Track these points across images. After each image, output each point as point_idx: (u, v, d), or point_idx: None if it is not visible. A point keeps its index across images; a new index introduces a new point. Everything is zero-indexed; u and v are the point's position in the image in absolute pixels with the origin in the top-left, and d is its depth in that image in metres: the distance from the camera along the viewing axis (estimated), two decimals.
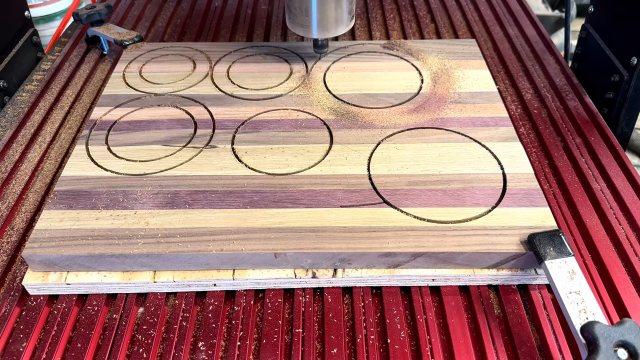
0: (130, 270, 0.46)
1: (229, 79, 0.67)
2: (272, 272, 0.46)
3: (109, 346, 0.43)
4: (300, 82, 0.65)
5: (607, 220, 0.51)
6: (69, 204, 0.49)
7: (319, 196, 0.50)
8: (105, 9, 0.78)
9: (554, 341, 0.42)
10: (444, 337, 0.43)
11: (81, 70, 0.77)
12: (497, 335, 0.43)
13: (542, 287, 0.46)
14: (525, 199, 0.49)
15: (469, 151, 0.54)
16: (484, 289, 0.46)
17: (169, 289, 0.47)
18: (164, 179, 0.52)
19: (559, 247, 0.43)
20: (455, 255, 0.45)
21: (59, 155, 0.61)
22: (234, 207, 0.49)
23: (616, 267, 0.47)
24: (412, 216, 0.47)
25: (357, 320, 0.44)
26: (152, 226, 0.47)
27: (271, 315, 0.45)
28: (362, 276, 0.46)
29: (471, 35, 0.82)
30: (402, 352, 0.42)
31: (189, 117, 0.60)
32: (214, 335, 0.43)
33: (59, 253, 0.45)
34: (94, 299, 0.46)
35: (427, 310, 0.45)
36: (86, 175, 0.53)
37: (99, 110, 0.62)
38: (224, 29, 0.86)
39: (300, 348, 0.42)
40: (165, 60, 0.71)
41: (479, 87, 0.63)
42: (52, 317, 0.45)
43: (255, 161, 0.54)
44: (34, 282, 0.46)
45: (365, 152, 0.54)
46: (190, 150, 0.56)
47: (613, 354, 0.36)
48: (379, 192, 0.50)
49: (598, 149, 0.59)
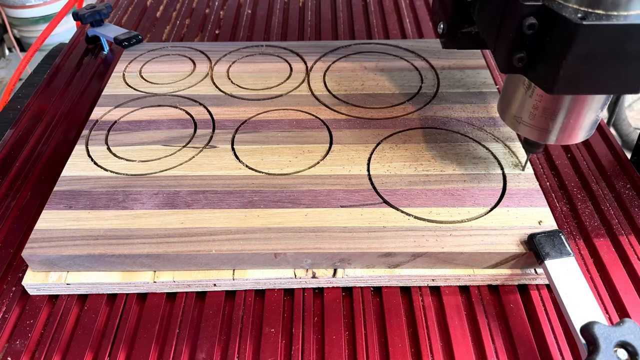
0: (130, 270, 0.46)
1: (229, 79, 0.67)
2: (272, 272, 0.46)
3: (109, 346, 0.43)
4: (300, 82, 0.65)
5: (607, 220, 0.51)
6: (69, 204, 0.49)
7: (319, 196, 0.50)
8: (105, 9, 0.78)
9: (554, 341, 0.42)
10: (444, 337, 0.43)
11: (81, 70, 0.77)
12: (497, 335, 0.43)
13: (542, 287, 0.46)
14: (525, 199, 0.49)
15: (469, 151, 0.54)
16: (484, 289, 0.46)
17: (169, 289, 0.47)
18: (164, 179, 0.52)
19: (559, 247, 0.43)
20: (455, 255, 0.45)
21: (58, 155, 0.61)
22: (234, 207, 0.49)
23: (616, 267, 0.47)
24: (412, 216, 0.47)
25: (357, 320, 0.44)
26: (152, 226, 0.47)
27: (271, 316, 0.45)
28: (362, 276, 0.46)
29: None
30: (402, 352, 0.42)
31: (188, 117, 0.60)
32: (214, 335, 0.43)
33: (59, 253, 0.45)
34: (94, 299, 0.46)
35: (427, 310, 0.45)
36: (86, 175, 0.53)
37: (99, 110, 0.62)
38: (224, 28, 0.86)
39: (300, 348, 0.42)
40: (165, 60, 0.71)
41: (479, 87, 0.63)
42: (52, 317, 0.45)
43: (255, 161, 0.54)
44: (34, 282, 0.46)
45: (365, 152, 0.54)
46: (190, 150, 0.56)
47: (613, 354, 0.36)
48: (379, 192, 0.50)
49: (598, 148, 0.59)
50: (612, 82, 0.38)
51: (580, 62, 0.36)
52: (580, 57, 0.36)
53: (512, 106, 0.46)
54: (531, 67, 0.40)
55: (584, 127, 0.44)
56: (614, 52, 0.36)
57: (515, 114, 0.46)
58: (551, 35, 0.36)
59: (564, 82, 0.38)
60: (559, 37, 0.36)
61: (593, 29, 0.34)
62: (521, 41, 0.38)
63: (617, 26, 0.34)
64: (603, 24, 0.34)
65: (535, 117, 0.45)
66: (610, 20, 0.34)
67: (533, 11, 0.36)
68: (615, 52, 0.36)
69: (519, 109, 0.46)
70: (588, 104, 0.43)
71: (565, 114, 0.43)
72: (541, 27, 0.37)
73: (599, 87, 0.39)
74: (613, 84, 0.39)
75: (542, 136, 0.46)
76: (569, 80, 0.38)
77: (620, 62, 0.36)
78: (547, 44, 0.37)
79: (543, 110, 0.44)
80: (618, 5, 0.34)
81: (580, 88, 0.39)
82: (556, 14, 0.35)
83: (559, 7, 0.36)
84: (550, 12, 0.36)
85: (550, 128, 0.45)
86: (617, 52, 0.36)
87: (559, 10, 0.35)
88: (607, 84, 0.39)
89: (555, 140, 0.46)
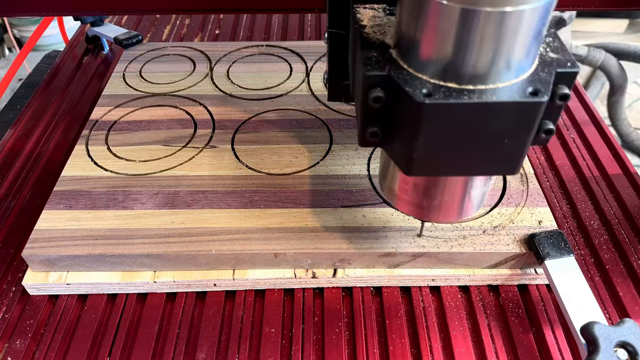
0: (130, 270, 0.46)
1: (229, 79, 0.67)
2: (272, 272, 0.46)
3: (109, 346, 0.43)
4: (300, 82, 0.65)
5: (607, 220, 0.51)
6: (69, 204, 0.49)
7: (319, 196, 0.50)
8: None
9: (554, 341, 0.42)
10: (444, 337, 0.43)
11: (81, 70, 0.77)
12: (497, 335, 0.43)
13: (542, 287, 0.46)
14: (525, 198, 0.49)
15: None
16: (484, 289, 0.46)
17: (169, 289, 0.47)
18: (164, 179, 0.52)
19: (559, 247, 0.43)
20: (455, 255, 0.45)
21: (58, 155, 0.61)
22: (234, 207, 0.49)
23: (616, 267, 0.47)
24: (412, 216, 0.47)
25: (357, 320, 0.44)
26: (152, 226, 0.47)
27: (271, 316, 0.45)
28: (362, 276, 0.46)
29: None
30: (402, 352, 0.42)
31: (188, 117, 0.60)
32: (214, 335, 0.43)
33: (59, 253, 0.45)
34: (94, 299, 0.46)
35: (427, 310, 0.45)
36: (86, 175, 0.53)
37: (99, 110, 0.62)
38: (224, 29, 0.86)
39: (300, 348, 0.42)
40: (165, 60, 0.71)
41: None
42: (52, 317, 0.45)
43: (255, 161, 0.54)
44: (34, 282, 0.46)
45: (365, 152, 0.54)
46: (190, 150, 0.56)
47: (613, 354, 0.36)
48: (379, 192, 0.50)
49: (598, 148, 0.59)
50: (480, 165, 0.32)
51: (433, 143, 0.30)
52: (431, 137, 0.30)
53: (387, 177, 0.39)
54: (388, 143, 0.33)
55: (464, 205, 0.37)
56: (469, 131, 0.29)
57: (390, 185, 0.39)
58: (400, 112, 0.30)
59: (420, 163, 0.31)
60: (407, 115, 0.29)
61: (438, 108, 0.28)
62: (373, 115, 0.31)
63: (468, 105, 0.28)
64: (450, 102, 0.27)
65: (407, 192, 0.38)
66: (461, 97, 0.27)
67: (378, 82, 0.30)
68: (472, 131, 0.29)
69: (391, 180, 0.39)
70: (461, 184, 0.36)
71: (438, 192, 0.36)
72: (390, 101, 0.30)
73: (466, 170, 0.33)
74: (481, 166, 0.32)
75: (419, 213, 0.39)
76: (425, 161, 0.31)
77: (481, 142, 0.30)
78: (398, 121, 0.31)
79: (414, 186, 0.37)
80: (473, 79, 0.28)
81: (441, 170, 0.33)
82: (400, 88, 0.29)
83: (405, 80, 0.29)
84: (395, 85, 0.29)
85: (425, 205, 0.37)
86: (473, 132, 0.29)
87: (404, 84, 0.28)
88: (474, 167, 0.32)
89: (435, 218, 0.41)
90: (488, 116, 0.28)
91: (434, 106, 0.28)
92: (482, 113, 0.28)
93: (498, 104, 0.28)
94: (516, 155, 0.31)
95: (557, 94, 0.29)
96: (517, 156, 0.31)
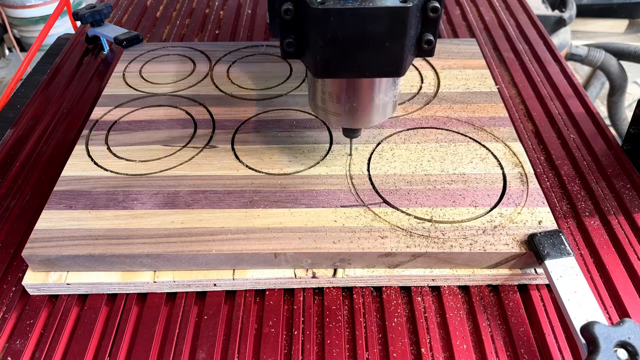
0: (130, 270, 0.46)
1: (229, 79, 0.67)
2: (272, 272, 0.46)
3: (109, 346, 0.43)
4: (300, 82, 0.65)
5: (607, 220, 0.51)
6: (69, 204, 0.49)
7: (319, 196, 0.50)
8: (105, 9, 0.78)
9: (554, 341, 0.42)
10: (444, 337, 0.43)
11: (81, 70, 0.77)
12: (497, 335, 0.43)
13: (542, 287, 0.46)
14: (525, 199, 0.49)
15: (469, 151, 0.54)
16: (484, 289, 0.46)
17: (169, 289, 0.47)
18: (164, 179, 0.52)
19: (559, 247, 0.43)
20: (455, 255, 0.45)
21: (58, 155, 0.61)
22: (234, 207, 0.49)
23: (616, 267, 0.47)
24: (412, 216, 0.47)
25: (357, 320, 0.44)
26: (152, 226, 0.47)
27: (271, 316, 0.45)
28: (362, 276, 0.46)
29: (471, 35, 0.82)
30: (402, 352, 0.42)
31: (188, 117, 0.60)
32: (214, 335, 0.43)
33: (59, 253, 0.45)
34: (94, 299, 0.46)
35: (427, 310, 0.45)
36: (86, 175, 0.53)
37: (99, 110, 0.62)
38: (224, 29, 0.86)
39: (300, 348, 0.42)
40: (165, 60, 0.71)
41: (479, 87, 0.63)
42: (52, 317, 0.45)
43: (255, 161, 0.54)
44: (34, 282, 0.46)
45: (365, 152, 0.54)
46: (190, 150, 0.56)
47: (613, 354, 0.36)
48: (379, 192, 0.50)
49: (598, 148, 0.59)
50: (371, 66, 0.39)
51: (332, 47, 0.37)
52: (329, 41, 0.36)
53: (311, 92, 0.47)
54: (302, 53, 0.40)
55: (371, 110, 0.45)
56: (360, 36, 0.36)
57: (313, 98, 0.47)
58: (305, 22, 0.37)
59: (322, 66, 0.39)
60: (309, 23, 0.36)
61: (330, 13, 0.35)
62: (287, 26, 0.38)
63: (356, 10, 0.35)
64: (337, 7, 0.35)
65: (325, 101, 0.45)
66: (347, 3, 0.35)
67: None
68: (362, 36, 0.36)
69: (313, 94, 0.47)
70: (365, 88, 0.43)
71: (347, 98, 0.44)
72: (297, 13, 0.37)
73: (360, 71, 0.39)
74: (372, 68, 0.39)
75: (336, 120, 0.46)
76: (327, 64, 0.39)
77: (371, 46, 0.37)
78: (305, 31, 0.38)
79: (329, 95, 0.45)
80: None
81: (340, 72, 0.40)
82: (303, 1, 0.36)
83: None
84: None
85: (339, 112, 0.45)
86: (363, 36, 0.36)
87: None
88: (366, 68, 0.39)
89: (347, 123, 0.47)
90: (370, 20, 0.35)
91: (326, 10, 0.35)
92: (364, 17, 0.35)
93: (375, 9, 0.35)
94: (398, 58, 0.38)
95: (428, 7, 0.37)
96: (399, 59, 0.38)
